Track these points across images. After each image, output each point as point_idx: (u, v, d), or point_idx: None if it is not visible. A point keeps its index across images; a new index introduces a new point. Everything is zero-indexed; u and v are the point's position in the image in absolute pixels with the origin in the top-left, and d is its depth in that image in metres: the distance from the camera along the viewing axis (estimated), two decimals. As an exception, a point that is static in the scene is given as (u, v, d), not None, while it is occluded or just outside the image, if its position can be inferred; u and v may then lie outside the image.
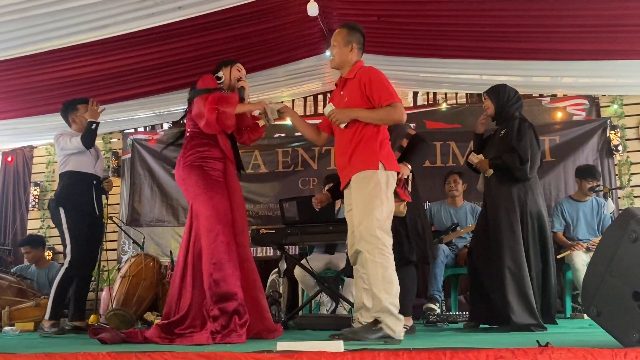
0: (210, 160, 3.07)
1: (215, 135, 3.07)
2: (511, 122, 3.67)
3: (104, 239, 4.85)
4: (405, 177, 3.30)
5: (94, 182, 4.13)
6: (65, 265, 3.90)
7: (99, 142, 4.46)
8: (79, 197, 4.01)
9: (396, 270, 2.94)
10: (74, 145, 4.00)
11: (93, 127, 4.00)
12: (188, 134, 3.17)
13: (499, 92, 3.78)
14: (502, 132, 3.70)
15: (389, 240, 2.69)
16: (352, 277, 3.70)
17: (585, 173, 4.91)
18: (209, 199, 2.95)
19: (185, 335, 2.69)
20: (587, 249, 4.65)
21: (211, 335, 2.65)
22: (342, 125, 2.84)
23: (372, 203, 2.68)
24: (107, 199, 4.41)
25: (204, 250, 2.88)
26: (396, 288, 2.64)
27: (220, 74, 3.21)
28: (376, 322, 2.59)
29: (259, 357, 1.78)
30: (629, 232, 1.86)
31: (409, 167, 3.32)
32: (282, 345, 1.92)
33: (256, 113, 3.04)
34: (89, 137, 4.00)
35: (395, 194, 3.26)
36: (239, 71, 3.25)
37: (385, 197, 2.72)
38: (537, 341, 1.85)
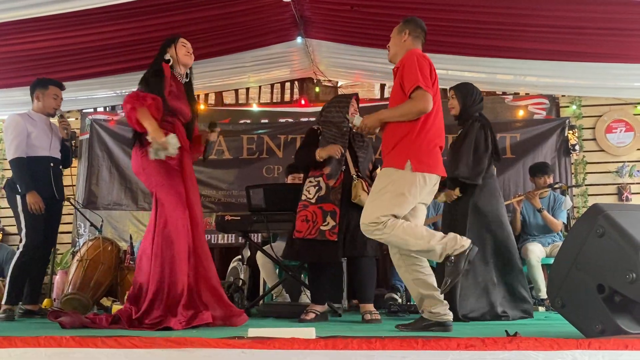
0: None
1: (173, 124, 3.05)
2: (467, 123, 3.72)
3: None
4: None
5: (51, 164, 3.98)
6: (20, 249, 3.79)
7: (55, 120, 4.24)
8: (35, 182, 3.84)
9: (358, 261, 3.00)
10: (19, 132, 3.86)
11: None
12: None
13: (467, 92, 3.77)
14: (460, 133, 3.77)
15: (395, 216, 2.57)
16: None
17: (535, 170, 5.05)
18: (171, 186, 2.96)
19: (154, 321, 2.63)
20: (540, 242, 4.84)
21: (178, 320, 2.61)
22: (377, 131, 2.79)
23: (378, 200, 2.58)
24: (70, 140, 4.24)
25: (173, 239, 2.84)
26: (423, 230, 2.57)
27: (167, 56, 3.14)
28: (448, 259, 2.51)
29: (231, 343, 1.75)
30: (597, 227, 1.93)
31: None
32: (253, 332, 1.90)
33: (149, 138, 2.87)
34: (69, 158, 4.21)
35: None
36: (184, 46, 3.19)
37: (397, 198, 2.56)
38: (506, 331, 1.90)
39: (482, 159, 3.62)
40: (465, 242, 2.53)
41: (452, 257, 2.50)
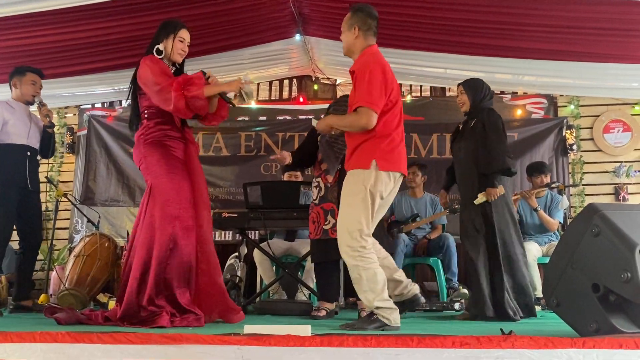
0: (173, 139, 2.96)
1: (171, 115, 2.91)
2: (480, 114, 3.68)
3: (55, 217, 4.69)
4: None
5: (28, 153, 3.91)
6: None
7: (35, 110, 4.20)
8: (7, 169, 3.79)
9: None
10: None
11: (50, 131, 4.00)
12: (146, 115, 2.98)
13: (477, 88, 3.74)
14: (472, 123, 3.70)
15: (369, 241, 2.62)
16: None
17: (533, 169, 5.05)
18: (170, 180, 2.84)
19: (147, 320, 2.61)
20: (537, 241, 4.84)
21: (170, 318, 2.59)
22: (332, 132, 2.90)
23: (353, 203, 2.62)
24: (52, 126, 4.12)
25: (163, 235, 2.76)
26: (381, 284, 2.60)
27: (160, 46, 2.97)
28: (372, 313, 2.61)
29: (226, 339, 1.75)
30: (592, 226, 1.93)
31: None
32: (249, 329, 1.90)
33: (231, 95, 2.85)
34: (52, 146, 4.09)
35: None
36: (182, 41, 2.99)
37: (369, 198, 2.61)
38: (501, 329, 1.90)
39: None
40: (395, 322, 2.57)
41: (374, 316, 2.58)
